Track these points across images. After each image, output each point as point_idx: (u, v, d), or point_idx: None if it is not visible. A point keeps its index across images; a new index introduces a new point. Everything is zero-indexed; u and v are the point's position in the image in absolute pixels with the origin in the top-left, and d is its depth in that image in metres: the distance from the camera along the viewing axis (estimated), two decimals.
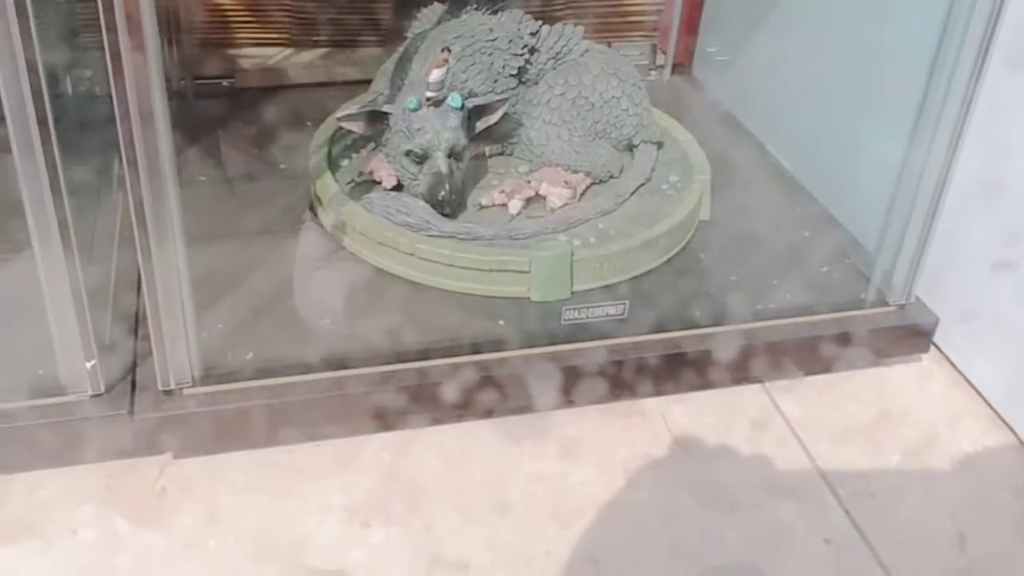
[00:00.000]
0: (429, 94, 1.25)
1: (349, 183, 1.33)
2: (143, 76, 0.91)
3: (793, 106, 1.52)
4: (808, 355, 1.26)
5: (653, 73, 1.75)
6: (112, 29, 0.88)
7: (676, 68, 1.76)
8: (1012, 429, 1.23)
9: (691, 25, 1.76)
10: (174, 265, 1.00)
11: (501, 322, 1.21)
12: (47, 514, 1.06)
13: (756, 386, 1.28)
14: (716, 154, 1.50)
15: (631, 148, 1.42)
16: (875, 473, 1.17)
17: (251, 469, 1.12)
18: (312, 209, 1.35)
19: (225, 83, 1.60)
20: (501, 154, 1.41)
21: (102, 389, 1.07)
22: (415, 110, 1.26)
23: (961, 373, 1.31)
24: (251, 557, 1.03)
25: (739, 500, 1.13)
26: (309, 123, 1.48)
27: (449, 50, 1.27)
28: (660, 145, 1.44)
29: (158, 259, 0.99)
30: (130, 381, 1.09)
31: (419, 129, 1.25)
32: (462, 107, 1.27)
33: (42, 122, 0.91)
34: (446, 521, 1.08)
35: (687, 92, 1.73)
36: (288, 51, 1.72)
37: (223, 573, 1.01)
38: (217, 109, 1.54)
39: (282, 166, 1.43)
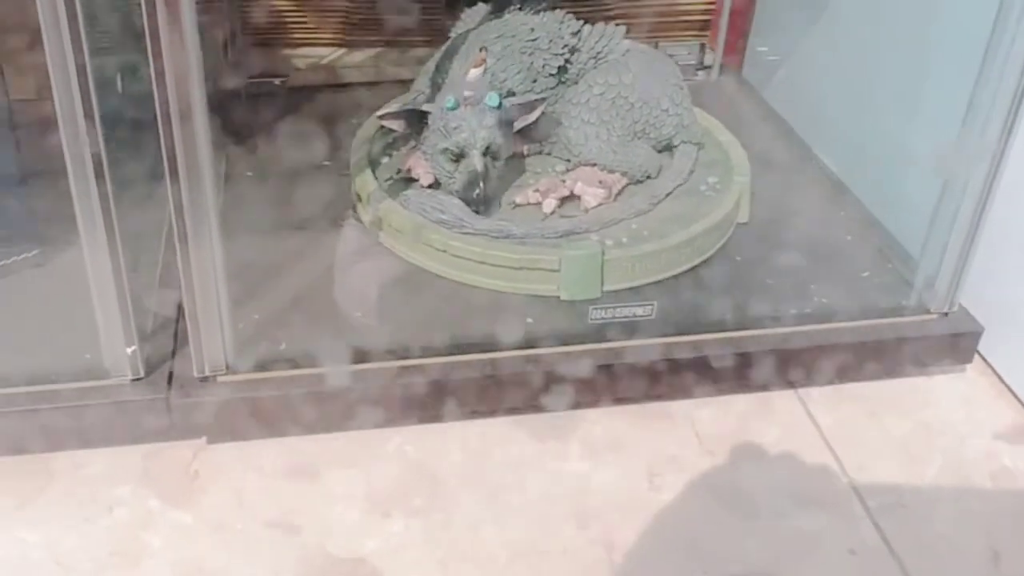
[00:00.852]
0: (467, 93, 1.30)
1: (388, 180, 1.38)
2: (183, 74, 0.96)
3: (840, 108, 1.53)
4: (844, 362, 1.27)
5: (701, 73, 1.77)
6: (154, 23, 0.93)
7: (726, 68, 1.78)
8: None
9: (743, 25, 1.78)
10: (210, 257, 1.06)
11: (529, 320, 1.24)
12: (87, 491, 1.12)
13: (789, 392, 1.29)
14: (760, 155, 1.52)
15: (671, 148, 1.45)
16: (908, 486, 1.18)
17: (280, 456, 1.18)
18: (354, 205, 1.41)
19: (277, 82, 1.67)
20: (540, 153, 1.45)
21: (142, 374, 1.13)
22: (453, 109, 1.30)
23: (1007, 385, 1.31)
24: (272, 542, 1.08)
25: (763, 507, 1.15)
26: (355, 121, 1.53)
27: (486, 50, 1.32)
28: (701, 146, 1.46)
29: (194, 251, 1.05)
30: (169, 367, 1.16)
31: (456, 128, 1.29)
32: (499, 106, 1.31)
33: (89, 117, 0.96)
34: (465, 515, 1.12)
35: (735, 92, 1.75)
36: (340, 51, 1.78)
37: (245, 555, 1.06)
38: (268, 107, 1.60)
39: (327, 163, 1.48)
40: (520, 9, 1.44)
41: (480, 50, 1.31)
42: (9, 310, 1.22)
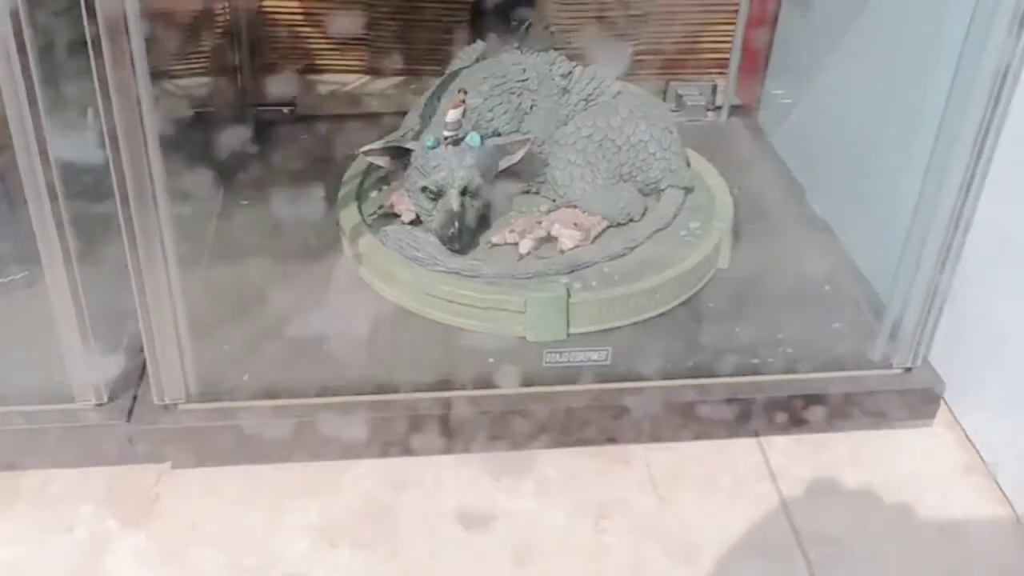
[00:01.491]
0: (446, 133, 1.34)
1: (372, 215, 1.43)
2: (131, 106, 1.00)
3: (840, 157, 1.53)
4: (806, 413, 1.28)
5: (710, 114, 1.78)
6: (98, 51, 0.97)
7: (738, 110, 1.79)
8: (1012, 505, 1.22)
9: (760, 66, 1.79)
10: (166, 288, 1.11)
11: (491, 360, 1.28)
12: (51, 510, 1.19)
13: (751, 440, 1.30)
14: (753, 201, 1.53)
15: (658, 192, 1.47)
16: (854, 539, 1.18)
17: (240, 484, 1.23)
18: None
19: (285, 110, 1.73)
20: (528, 192, 1.48)
21: (105, 399, 1.20)
22: (432, 148, 1.34)
23: (972, 443, 1.30)
24: (220, 567, 1.13)
25: (707, 555, 1.16)
26: (357, 152, 1.58)
27: (466, 91, 1.36)
28: (689, 190, 1.48)
29: (149, 283, 1.10)
30: (133, 394, 1.22)
31: (435, 167, 1.34)
32: (481, 146, 1.35)
33: (42, 147, 1.02)
34: (410, 549, 1.16)
35: (741, 135, 1.75)
36: (355, 80, 1.85)
37: None
38: (272, 135, 1.67)
39: (321, 194, 1.54)
40: (518, 48, 1.48)
41: (460, 92, 1.35)
42: None
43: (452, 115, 1.33)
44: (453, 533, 1.18)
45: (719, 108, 1.78)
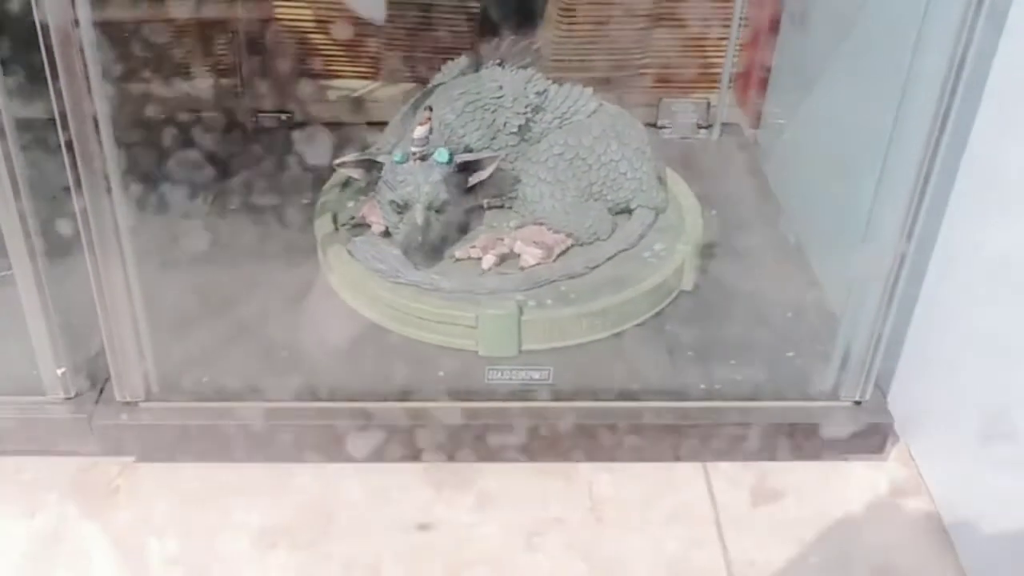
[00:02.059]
0: (413, 149, 1.39)
1: (344, 224, 1.49)
2: (85, 107, 1.06)
3: (813, 179, 1.54)
4: (754, 441, 1.30)
5: (702, 132, 1.80)
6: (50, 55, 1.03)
7: (733, 128, 1.81)
8: (955, 550, 1.22)
9: (759, 86, 1.80)
10: (124, 289, 1.19)
11: (441, 373, 1.33)
12: (18, 496, 1.27)
13: (696, 464, 1.33)
14: (730, 223, 1.56)
15: (629, 212, 1.50)
16: (786, 570, 1.20)
17: (196, 480, 1.30)
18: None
19: (283, 117, 1.80)
20: (501, 207, 1.52)
21: (72, 394, 1.28)
22: (401, 163, 1.39)
23: (924, 482, 1.31)
24: (162, 560, 1.20)
25: None
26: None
27: (431, 109, 1.40)
28: (660, 211, 1.51)
29: (107, 283, 1.17)
30: (99, 390, 1.30)
31: (402, 181, 1.39)
32: (449, 162, 1.40)
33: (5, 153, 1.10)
34: (344, 553, 1.21)
35: (731, 154, 1.77)
36: (358, 87, 1.90)
37: (133, 572, 1.19)
38: (267, 142, 1.74)
39: (305, 201, 1.60)
40: (500, 65, 1.52)
41: (427, 109, 1.40)
42: None
43: (419, 132, 1.38)
44: (389, 541, 1.23)
45: (711, 126, 1.80)
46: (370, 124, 1.79)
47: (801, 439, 1.30)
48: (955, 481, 1.25)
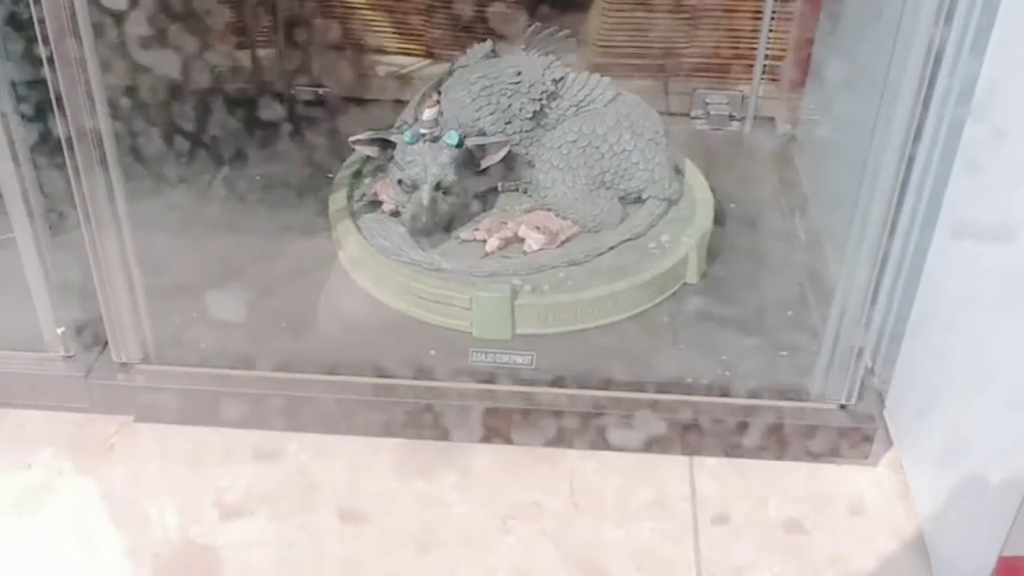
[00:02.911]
0: (423, 131, 1.41)
1: (357, 200, 1.52)
2: (80, 75, 1.11)
3: (837, 175, 1.52)
4: (741, 438, 1.30)
5: (735, 124, 1.78)
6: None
7: (764, 121, 1.79)
8: (929, 560, 1.21)
9: (799, 79, 1.77)
10: (120, 255, 1.23)
11: (432, 352, 1.35)
12: (17, 448, 1.33)
13: (683, 458, 1.33)
14: (750, 217, 1.55)
15: (641, 201, 1.50)
16: (754, 571, 1.20)
17: (188, 443, 1.34)
18: None
19: (320, 91, 1.83)
20: (516, 191, 1.53)
21: (72, 352, 1.33)
22: (411, 143, 1.42)
23: (909, 488, 1.29)
24: (145, 519, 1.25)
25: (602, 569, 1.20)
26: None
27: (439, 93, 1.42)
28: (672, 202, 1.50)
29: (102, 250, 1.22)
30: (99, 351, 1.35)
31: (411, 161, 1.41)
32: (459, 145, 1.41)
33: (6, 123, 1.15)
34: (321, 524, 1.24)
35: (761, 148, 1.75)
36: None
37: (117, 528, 1.24)
38: (302, 115, 1.77)
39: (329, 175, 1.63)
40: (524, 51, 1.53)
41: (436, 93, 1.42)
42: None
43: (428, 114, 1.40)
44: (366, 514, 1.26)
45: (743, 119, 1.78)
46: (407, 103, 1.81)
47: (788, 439, 1.30)
48: (940, 493, 1.23)
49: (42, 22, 1.07)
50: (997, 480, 1.10)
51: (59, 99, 1.12)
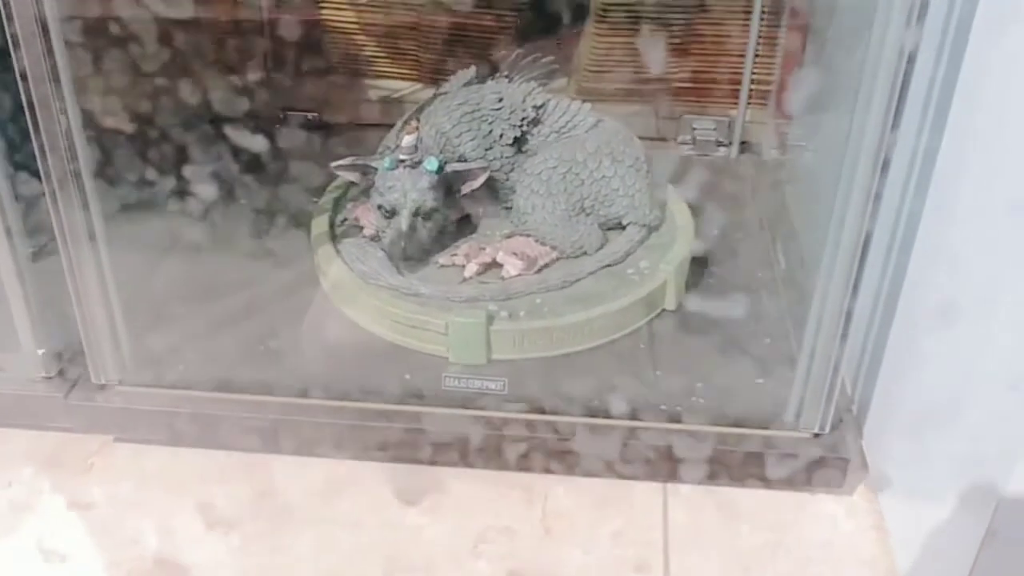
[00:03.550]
0: (402, 157, 1.44)
1: (339, 226, 1.55)
2: (56, 106, 1.15)
3: (821, 201, 1.53)
4: (714, 467, 1.31)
5: (722, 150, 1.81)
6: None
7: (752, 147, 1.81)
8: None
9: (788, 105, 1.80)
10: (98, 279, 1.27)
11: (408, 376, 1.37)
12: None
13: (657, 485, 1.35)
14: (733, 244, 1.57)
15: (621, 228, 1.52)
16: None
17: (165, 463, 1.37)
18: None
19: (309, 116, 1.87)
20: (496, 216, 1.56)
21: (53, 373, 1.37)
22: (390, 169, 1.45)
23: (885, 520, 1.30)
24: (119, 539, 1.27)
25: None
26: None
27: (418, 119, 1.46)
28: (652, 229, 1.53)
29: (79, 274, 1.26)
30: (80, 371, 1.38)
31: (390, 187, 1.44)
32: (438, 171, 1.44)
33: None
34: (291, 546, 1.27)
35: (746, 174, 1.78)
36: (392, 88, 1.97)
37: (93, 547, 1.27)
38: (289, 140, 1.81)
39: (314, 199, 1.66)
40: (507, 78, 1.56)
41: (415, 119, 1.45)
42: None
43: (407, 140, 1.43)
44: (337, 536, 1.28)
45: (730, 144, 1.80)
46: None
47: (763, 467, 1.31)
48: (913, 523, 1.24)
49: (16, 45, 1.11)
50: (967, 511, 1.11)
51: (36, 125, 1.15)
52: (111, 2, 1.57)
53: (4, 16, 1.09)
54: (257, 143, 1.73)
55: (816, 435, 1.30)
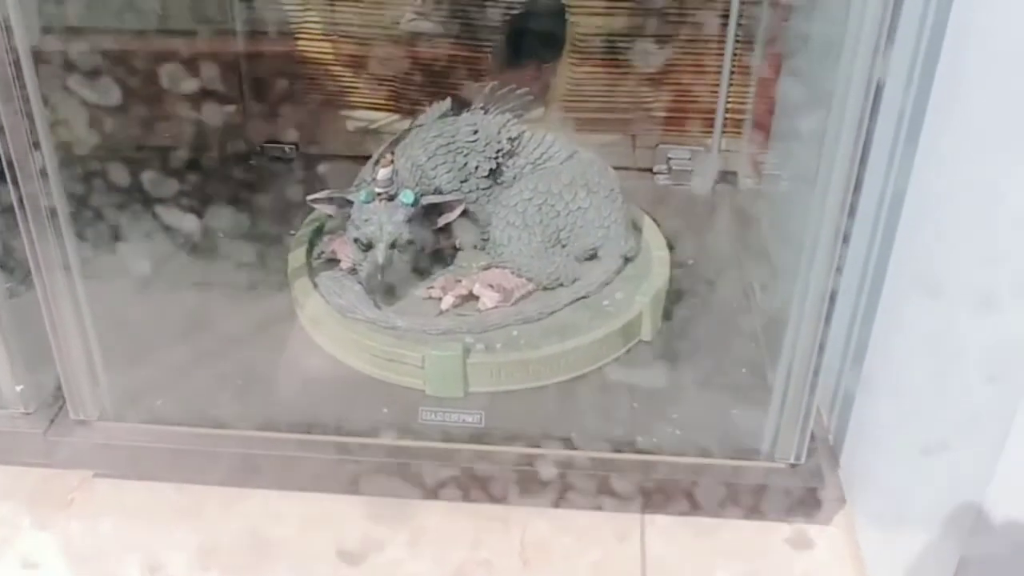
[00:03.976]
0: (378, 190, 1.46)
1: (315, 258, 1.57)
2: (28, 139, 1.16)
3: (795, 230, 1.56)
4: (691, 498, 1.33)
5: (696, 180, 1.84)
6: None
7: (728, 176, 1.84)
8: None
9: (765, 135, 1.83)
10: (75, 315, 1.28)
11: (385, 410, 1.39)
12: None
13: (635, 516, 1.37)
14: (708, 275, 1.60)
15: (597, 259, 1.55)
16: None
17: (146, 499, 1.39)
18: None
19: (287, 148, 1.89)
20: (475, 248, 1.58)
21: (31, 409, 1.38)
22: (366, 202, 1.47)
23: (861, 550, 1.33)
24: (102, 573, 1.29)
25: None
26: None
27: (393, 153, 1.48)
28: (628, 259, 1.55)
29: (56, 311, 1.27)
30: (59, 407, 1.40)
31: (366, 220, 1.46)
32: (414, 203, 1.47)
33: None
34: None
35: (721, 203, 1.80)
36: (371, 120, 1.99)
37: None
38: (267, 173, 1.83)
39: (292, 232, 1.68)
40: (482, 109, 1.58)
41: (390, 153, 1.48)
42: None
43: (383, 174, 1.45)
44: (317, 570, 1.30)
45: (705, 173, 1.83)
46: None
47: (739, 498, 1.33)
48: (888, 554, 1.27)
49: None
50: (942, 539, 1.13)
51: (9, 162, 1.17)
52: (84, 35, 1.60)
53: None
54: (234, 174, 1.75)
55: (792, 465, 1.32)
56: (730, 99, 1.81)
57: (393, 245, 1.46)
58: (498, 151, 1.54)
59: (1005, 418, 0.98)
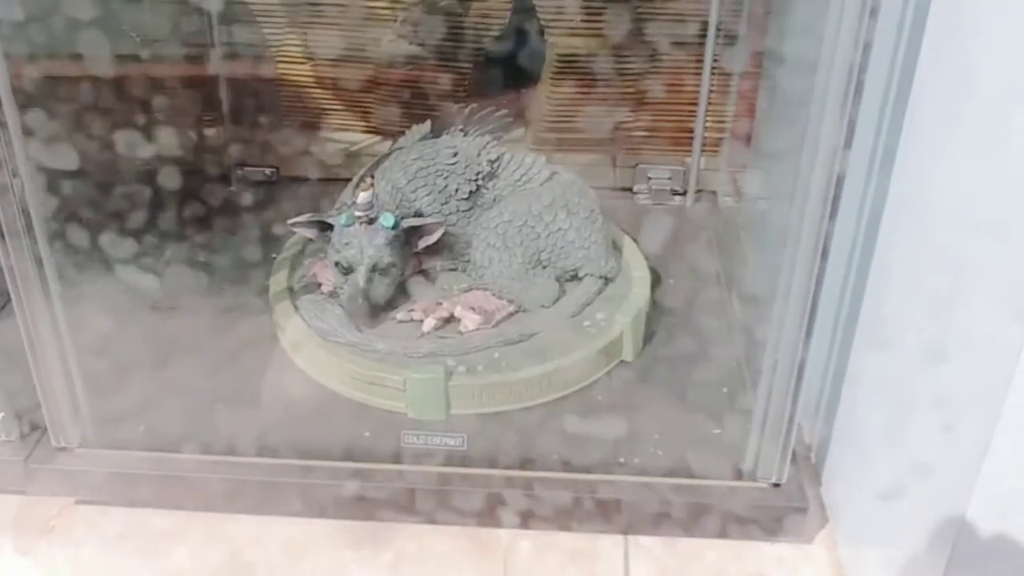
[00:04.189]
0: (358, 213, 1.47)
1: (297, 282, 1.58)
2: (8, 167, 1.17)
3: (775, 249, 1.58)
4: (674, 519, 1.34)
5: (677, 198, 1.85)
6: None
7: (708, 195, 1.85)
8: None
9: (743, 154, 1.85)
10: (56, 341, 1.29)
11: (367, 433, 1.40)
12: None
13: (618, 537, 1.37)
14: (691, 294, 1.61)
15: (578, 279, 1.56)
16: None
17: (127, 525, 1.39)
18: None
19: (267, 171, 1.90)
20: (455, 270, 1.59)
21: (12, 437, 1.38)
22: (347, 226, 1.48)
23: (843, 566, 1.34)
24: None
25: None
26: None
27: (374, 177, 1.49)
28: (609, 280, 1.56)
29: (36, 338, 1.28)
30: (40, 434, 1.40)
31: (347, 244, 1.47)
32: (394, 227, 1.47)
33: None
34: None
35: (701, 222, 1.82)
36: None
37: None
38: (247, 196, 1.84)
39: (273, 256, 1.68)
40: (462, 131, 1.59)
41: (369, 177, 1.49)
42: None
43: (362, 197, 1.46)
44: None
45: (685, 192, 1.85)
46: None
47: (721, 518, 1.34)
48: (873, 572, 1.28)
49: None
50: (924, 557, 1.14)
51: None
52: (63, 62, 1.60)
53: None
54: (213, 198, 1.76)
55: (775, 485, 1.33)
56: (708, 118, 1.83)
57: (374, 268, 1.47)
58: (478, 173, 1.55)
59: (984, 435, 0.99)
